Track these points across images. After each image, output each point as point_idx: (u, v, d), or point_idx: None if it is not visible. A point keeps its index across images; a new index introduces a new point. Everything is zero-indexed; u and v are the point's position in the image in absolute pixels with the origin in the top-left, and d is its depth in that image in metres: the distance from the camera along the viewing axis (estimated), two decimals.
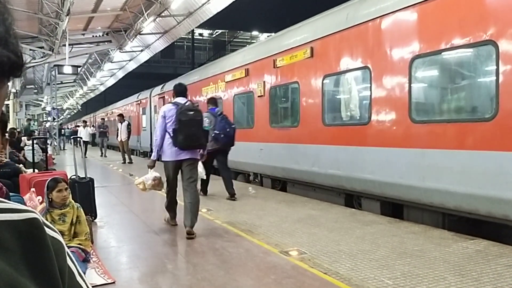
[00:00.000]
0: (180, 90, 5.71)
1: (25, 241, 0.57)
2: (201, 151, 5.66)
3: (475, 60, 5.28)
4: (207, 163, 7.12)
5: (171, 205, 5.79)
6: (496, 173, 4.68)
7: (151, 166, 5.81)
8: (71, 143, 21.87)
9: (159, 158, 5.60)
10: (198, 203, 5.38)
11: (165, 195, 5.87)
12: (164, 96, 17.59)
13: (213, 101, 8.22)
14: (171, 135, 5.32)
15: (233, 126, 7.93)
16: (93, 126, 22.33)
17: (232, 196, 7.57)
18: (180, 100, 5.57)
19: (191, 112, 5.40)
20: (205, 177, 7.10)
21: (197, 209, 5.34)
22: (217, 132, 7.45)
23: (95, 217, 6.09)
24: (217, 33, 49.08)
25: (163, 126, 5.40)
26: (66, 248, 0.63)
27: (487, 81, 5.03)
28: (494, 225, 4.94)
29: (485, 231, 5.03)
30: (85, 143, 17.70)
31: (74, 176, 6.20)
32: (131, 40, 15.61)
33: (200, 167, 6.15)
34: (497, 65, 4.66)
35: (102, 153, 19.62)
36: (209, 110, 7.76)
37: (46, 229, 0.61)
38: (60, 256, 0.60)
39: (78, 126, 28.16)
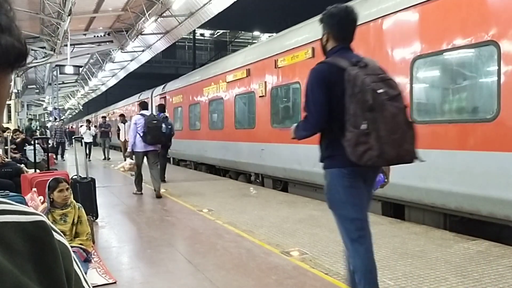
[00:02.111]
0: (144, 106, 8.82)
1: (32, 243, 0.56)
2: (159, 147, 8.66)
3: (477, 61, 5.28)
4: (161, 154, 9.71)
5: (138, 180, 8.39)
6: (498, 173, 4.68)
7: (128, 156, 8.75)
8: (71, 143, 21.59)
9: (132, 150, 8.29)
10: (159, 176, 8.38)
11: (135, 176, 8.47)
12: (165, 96, 17.60)
13: (161, 107, 11.07)
14: (141, 135, 8.01)
15: (169, 127, 10.28)
16: (95, 126, 22.08)
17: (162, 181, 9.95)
18: (145, 112, 8.46)
19: (155, 121, 8.21)
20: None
21: (159, 180, 8.29)
22: None
23: (97, 217, 6.09)
24: (218, 34, 49.12)
25: (135, 130, 8.08)
26: (72, 252, 0.62)
27: (489, 81, 5.02)
28: (496, 226, 4.94)
29: (487, 232, 5.03)
30: (88, 144, 17.49)
31: (76, 176, 6.21)
32: (133, 40, 15.64)
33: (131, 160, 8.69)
34: (499, 65, 4.66)
35: (105, 155, 18.03)
36: (158, 114, 10.16)
37: (53, 232, 0.61)
38: (67, 260, 0.60)
39: (81, 126, 28.00)
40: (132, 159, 8.52)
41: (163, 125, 8.83)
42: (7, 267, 0.51)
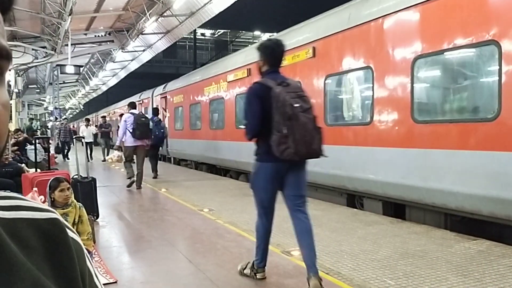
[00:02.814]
0: (133, 106, 10.02)
1: (47, 241, 0.55)
2: (146, 142, 9.61)
3: (478, 60, 5.27)
4: (150, 154, 11.08)
5: (129, 170, 9.29)
6: (498, 173, 4.67)
7: (117, 149, 10.65)
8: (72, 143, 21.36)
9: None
10: (142, 171, 9.37)
11: (127, 171, 9.37)
12: (166, 96, 17.59)
13: (155, 111, 12.29)
14: (131, 131, 9.09)
15: (162, 130, 11.56)
16: (96, 126, 21.91)
17: (155, 177, 11.20)
18: (134, 111, 9.72)
19: (143, 119, 9.50)
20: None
21: (142, 175, 9.35)
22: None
23: (97, 217, 6.10)
24: (219, 33, 49.11)
25: (125, 127, 9.15)
26: (85, 250, 0.61)
27: (490, 81, 5.02)
28: (497, 226, 4.93)
29: (488, 231, 5.02)
30: (88, 144, 17.31)
31: (76, 176, 6.21)
32: (133, 40, 15.62)
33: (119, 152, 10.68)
34: (500, 65, 4.65)
35: (104, 157, 17.21)
36: (152, 117, 11.39)
37: (67, 230, 0.59)
38: (81, 258, 0.59)
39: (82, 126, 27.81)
40: (120, 153, 10.23)
41: (150, 123, 10.16)
42: (26, 264, 0.50)
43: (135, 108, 10.08)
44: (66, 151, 18.34)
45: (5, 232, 0.52)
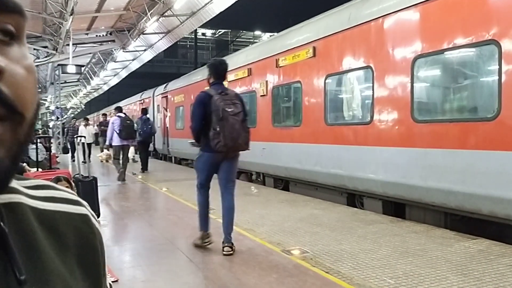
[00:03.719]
0: (120, 110, 11.35)
1: (81, 242, 0.53)
2: (131, 141, 11.05)
3: (478, 60, 5.28)
4: (140, 149, 12.83)
5: (117, 166, 10.51)
6: (498, 172, 4.68)
7: (106, 148, 12.24)
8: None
9: (110, 143, 10.69)
10: (126, 167, 10.65)
11: (117, 168, 10.61)
12: (167, 96, 17.61)
13: (144, 111, 13.61)
14: (118, 132, 10.29)
15: (149, 127, 12.80)
16: (97, 125, 21.80)
17: (143, 171, 12.61)
18: (121, 114, 10.81)
19: (128, 121, 10.66)
20: (135, 159, 13.09)
21: (125, 170, 10.55)
22: (139, 130, 12.26)
23: (98, 216, 6.12)
24: (220, 33, 49.09)
25: (112, 128, 10.39)
26: (102, 236, 0.59)
27: (490, 80, 5.02)
28: (497, 225, 4.94)
29: (487, 231, 5.03)
30: (88, 145, 16.98)
31: (78, 175, 6.24)
32: (135, 39, 15.64)
33: (131, 152, 12.06)
34: (500, 64, 4.66)
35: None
36: (141, 116, 12.95)
37: (93, 221, 0.57)
38: (103, 253, 0.57)
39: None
40: (109, 151, 11.73)
41: (135, 125, 11.70)
42: (59, 269, 0.49)
43: (122, 112, 11.26)
44: (73, 150, 17.96)
45: (42, 224, 0.50)
